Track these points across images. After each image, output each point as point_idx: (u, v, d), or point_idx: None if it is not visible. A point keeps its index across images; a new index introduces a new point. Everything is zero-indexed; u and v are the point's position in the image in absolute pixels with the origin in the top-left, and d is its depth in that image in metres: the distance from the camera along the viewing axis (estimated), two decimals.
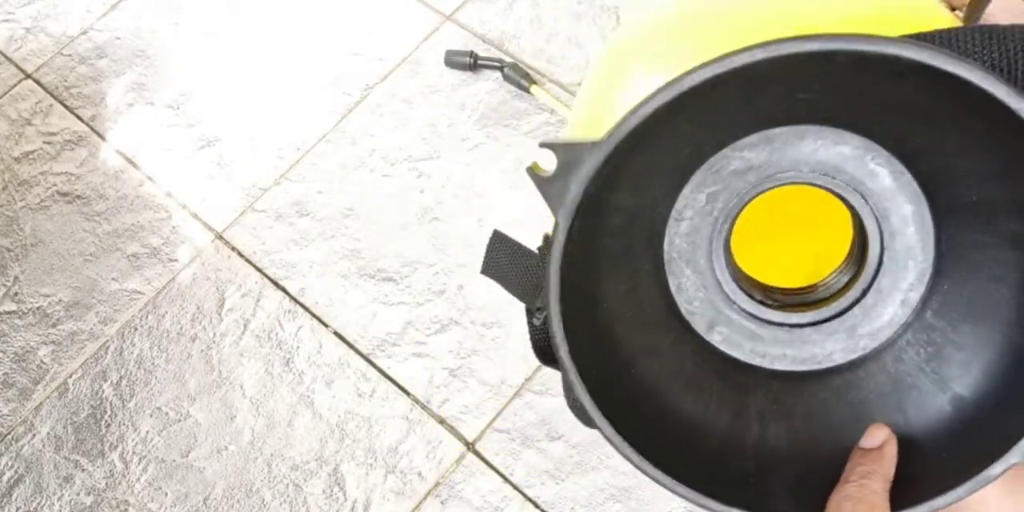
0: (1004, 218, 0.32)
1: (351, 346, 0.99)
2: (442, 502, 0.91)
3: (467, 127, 1.10)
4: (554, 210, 0.31)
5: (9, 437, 0.98)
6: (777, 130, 0.34)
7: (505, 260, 0.50)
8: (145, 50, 1.20)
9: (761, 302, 0.36)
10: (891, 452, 0.34)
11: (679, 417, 0.35)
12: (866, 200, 0.34)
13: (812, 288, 0.38)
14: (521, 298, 0.49)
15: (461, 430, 0.94)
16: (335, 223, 1.06)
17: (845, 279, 0.37)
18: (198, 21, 1.22)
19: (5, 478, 0.96)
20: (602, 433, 0.32)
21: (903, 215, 0.34)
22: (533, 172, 0.31)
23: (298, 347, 1.00)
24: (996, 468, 0.29)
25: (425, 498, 0.91)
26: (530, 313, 0.46)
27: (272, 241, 1.06)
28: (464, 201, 1.05)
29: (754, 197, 0.36)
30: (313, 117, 1.13)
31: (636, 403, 0.34)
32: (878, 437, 0.34)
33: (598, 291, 0.34)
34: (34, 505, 0.94)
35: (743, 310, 0.36)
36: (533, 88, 1.09)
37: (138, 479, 0.95)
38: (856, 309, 0.35)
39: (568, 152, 0.30)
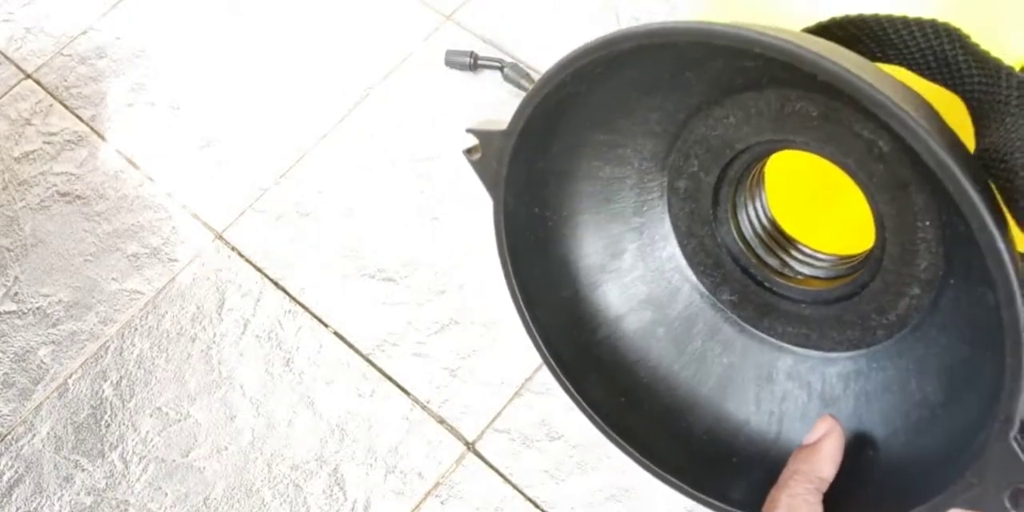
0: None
1: (351, 346, 0.99)
2: (442, 502, 0.91)
3: (467, 127, 1.10)
4: (487, 188, 0.32)
5: (9, 437, 0.98)
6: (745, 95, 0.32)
7: None
8: (145, 50, 1.20)
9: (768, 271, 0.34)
10: (828, 448, 0.31)
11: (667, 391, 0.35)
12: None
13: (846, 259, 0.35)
14: None
15: (461, 430, 0.94)
16: (335, 223, 1.06)
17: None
18: (198, 21, 1.22)
19: (5, 478, 0.96)
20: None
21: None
22: (468, 155, 0.32)
23: (298, 347, 1.00)
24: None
25: (425, 498, 0.91)
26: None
27: (272, 241, 1.06)
28: (464, 201, 1.05)
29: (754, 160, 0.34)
30: (313, 117, 1.13)
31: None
32: (816, 432, 0.32)
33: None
34: (34, 505, 0.94)
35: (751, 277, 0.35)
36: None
37: (138, 479, 0.95)
38: (865, 293, 0.33)
39: (485, 138, 0.32)
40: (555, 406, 0.93)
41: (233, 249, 1.06)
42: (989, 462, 0.26)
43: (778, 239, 0.35)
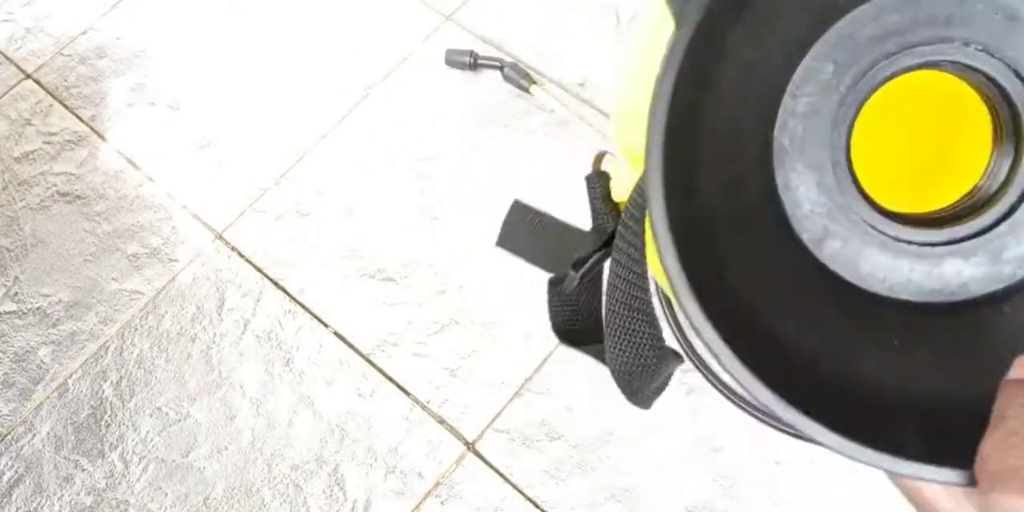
0: None
1: (351, 346, 0.99)
2: (442, 502, 0.91)
3: (467, 127, 1.10)
4: (680, 15, 0.26)
5: (9, 437, 0.98)
6: None
7: (526, 230, 0.47)
8: (145, 50, 1.20)
9: (886, 214, 0.29)
10: None
11: (779, 341, 0.28)
12: None
13: (953, 205, 0.31)
14: (546, 267, 0.46)
15: (461, 430, 0.94)
16: (335, 223, 1.06)
17: (994, 187, 0.30)
18: (198, 21, 1.22)
19: (5, 478, 0.96)
20: (705, 344, 0.26)
21: None
22: None
23: (298, 347, 1.00)
24: None
25: (425, 498, 0.91)
26: (554, 284, 0.43)
27: (272, 241, 1.06)
28: (464, 201, 1.05)
29: (890, 78, 0.30)
30: (313, 117, 1.13)
31: (727, 317, 0.27)
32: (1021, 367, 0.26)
33: (695, 179, 0.28)
34: (34, 505, 0.94)
35: (864, 221, 0.29)
36: (533, 88, 1.09)
37: (138, 479, 0.95)
38: (1003, 227, 0.28)
39: None
40: (555, 406, 0.93)
41: (233, 249, 1.06)
42: None
43: None
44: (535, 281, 0.99)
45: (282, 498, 0.93)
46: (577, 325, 0.44)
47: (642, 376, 0.39)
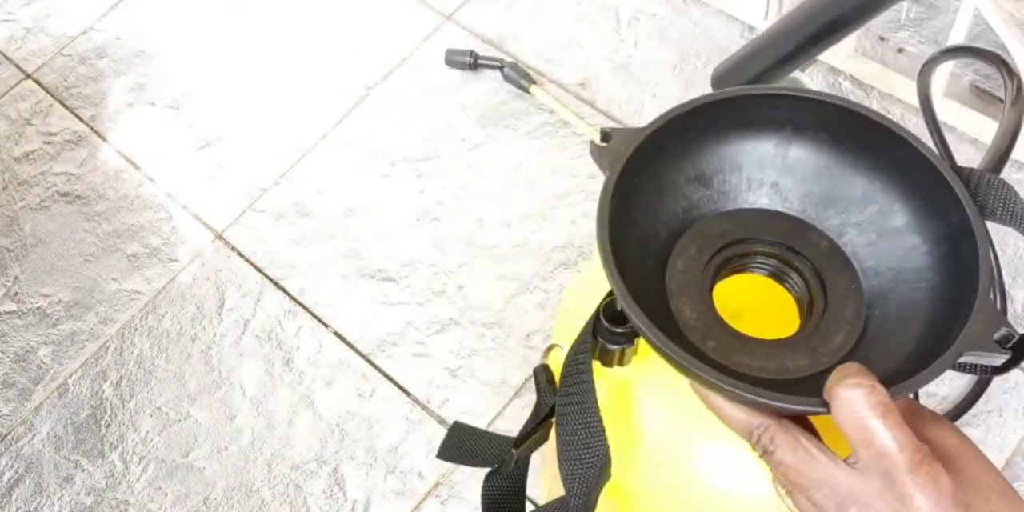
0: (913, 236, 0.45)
1: (351, 346, 0.99)
2: (442, 502, 0.91)
3: (467, 127, 1.10)
4: (607, 166, 0.43)
5: (9, 437, 0.98)
6: (747, 208, 0.47)
7: (461, 444, 0.56)
8: (145, 50, 1.20)
9: (741, 335, 0.45)
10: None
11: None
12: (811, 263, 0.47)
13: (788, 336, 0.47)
14: (483, 465, 0.54)
15: None
16: (335, 223, 1.06)
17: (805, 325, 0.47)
18: (198, 21, 1.22)
19: (5, 478, 0.96)
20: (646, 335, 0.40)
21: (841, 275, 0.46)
22: (594, 144, 0.44)
23: (298, 347, 1.00)
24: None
25: (425, 498, 0.91)
26: (490, 476, 0.53)
27: (272, 241, 1.06)
28: (464, 201, 1.05)
29: (727, 274, 0.47)
30: (313, 117, 1.13)
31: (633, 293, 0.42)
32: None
33: (624, 269, 0.42)
34: (34, 505, 0.94)
35: (728, 330, 0.44)
36: (533, 88, 1.09)
37: (138, 479, 0.95)
38: (814, 336, 0.44)
39: (622, 132, 0.44)
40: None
41: (233, 249, 1.06)
42: (978, 315, 0.39)
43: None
44: (535, 281, 0.99)
45: (282, 498, 0.93)
46: (512, 502, 0.53)
47: (590, 488, 0.49)
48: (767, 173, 0.47)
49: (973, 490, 0.37)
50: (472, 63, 1.11)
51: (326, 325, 1.01)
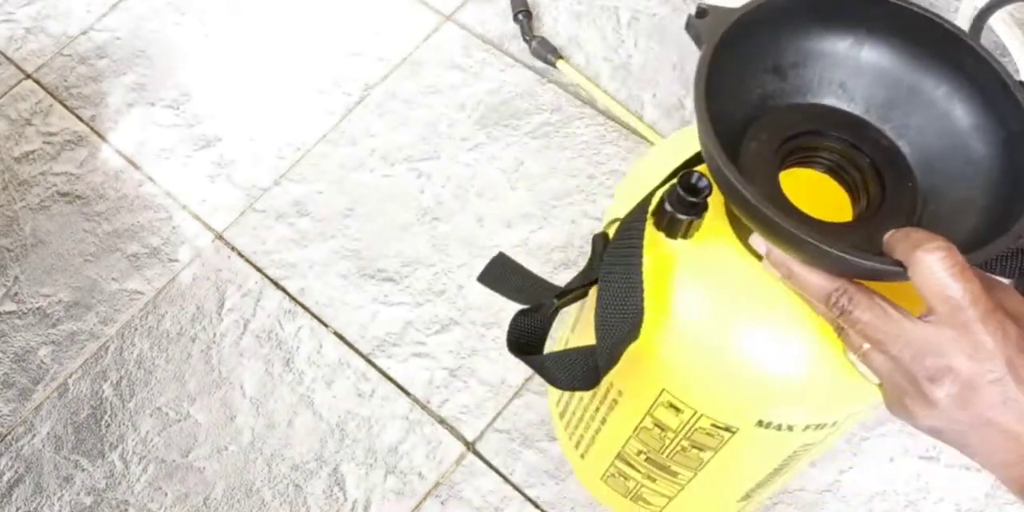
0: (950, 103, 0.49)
1: (351, 346, 0.99)
2: (442, 502, 0.91)
3: (467, 127, 1.10)
4: (702, 40, 0.46)
5: (9, 437, 0.98)
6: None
7: (504, 273, 0.58)
8: (145, 50, 1.20)
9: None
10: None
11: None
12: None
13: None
14: (518, 301, 0.56)
15: (461, 430, 0.94)
16: (335, 223, 1.06)
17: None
18: (198, 21, 1.22)
19: (5, 478, 0.96)
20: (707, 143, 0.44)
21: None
22: (691, 17, 0.47)
23: (298, 347, 1.00)
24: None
25: (425, 498, 0.91)
26: (523, 313, 0.54)
27: (272, 241, 1.06)
28: (464, 201, 1.05)
29: (791, 152, 0.50)
30: (313, 117, 1.13)
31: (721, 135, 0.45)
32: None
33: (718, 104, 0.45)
34: (34, 505, 0.94)
35: (795, 210, 0.47)
36: (560, 63, 1.10)
37: (138, 479, 0.95)
38: (871, 224, 0.47)
39: (718, 10, 0.47)
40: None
41: (233, 249, 1.06)
42: None
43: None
44: None
45: (282, 498, 0.93)
46: (536, 342, 0.55)
47: (617, 346, 0.51)
48: (838, 72, 0.50)
49: None
50: (515, 16, 1.13)
51: (326, 325, 1.01)
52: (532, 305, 0.55)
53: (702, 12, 0.47)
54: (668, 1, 1.15)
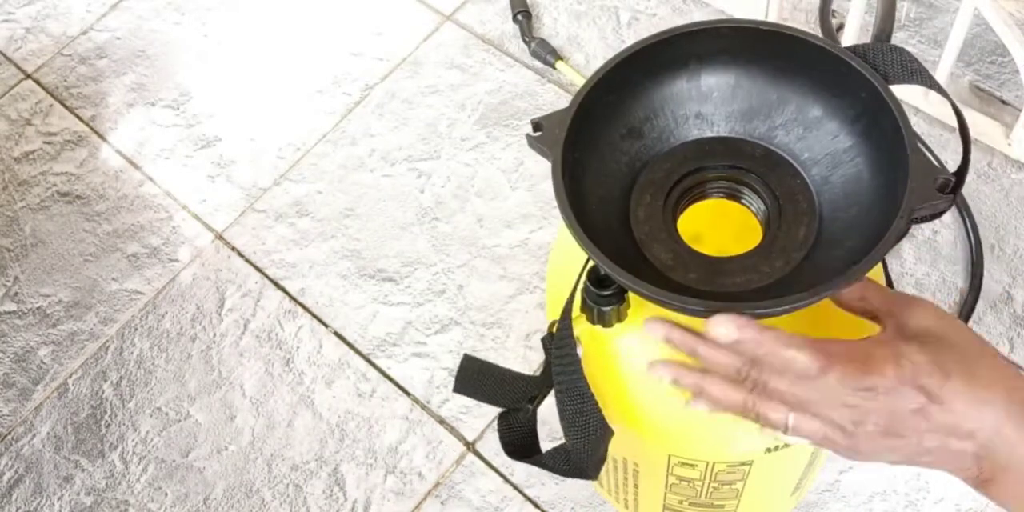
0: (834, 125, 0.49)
1: (351, 346, 0.99)
2: (442, 502, 0.91)
3: (467, 127, 1.10)
4: (548, 153, 0.47)
5: (9, 437, 0.98)
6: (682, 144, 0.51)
7: (477, 378, 0.58)
8: (145, 50, 1.20)
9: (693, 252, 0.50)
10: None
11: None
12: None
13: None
14: (498, 404, 0.57)
15: (461, 430, 0.94)
16: (335, 223, 1.06)
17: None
18: (198, 21, 1.22)
19: (5, 478, 0.96)
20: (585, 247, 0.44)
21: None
22: (529, 137, 0.48)
23: (298, 347, 1.00)
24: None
25: (425, 498, 0.91)
26: (505, 415, 0.56)
27: (272, 241, 1.06)
28: (464, 201, 1.05)
29: (688, 204, 0.52)
30: (313, 117, 1.13)
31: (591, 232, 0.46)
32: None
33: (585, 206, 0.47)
34: (34, 505, 0.94)
35: (704, 260, 0.49)
36: (559, 64, 1.10)
37: (138, 479, 0.95)
38: (780, 238, 0.49)
39: (551, 117, 0.48)
40: (554, 407, 0.93)
41: (233, 249, 1.06)
42: (915, 171, 0.43)
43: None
44: (535, 281, 0.99)
45: (282, 498, 0.93)
46: (529, 441, 0.57)
47: (594, 448, 0.52)
48: (688, 106, 0.51)
49: (955, 360, 0.42)
50: (515, 17, 1.13)
51: (326, 325, 1.01)
52: (510, 408, 0.56)
53: (536, 126, 0.48)
54: (668, 1, 1.15)
